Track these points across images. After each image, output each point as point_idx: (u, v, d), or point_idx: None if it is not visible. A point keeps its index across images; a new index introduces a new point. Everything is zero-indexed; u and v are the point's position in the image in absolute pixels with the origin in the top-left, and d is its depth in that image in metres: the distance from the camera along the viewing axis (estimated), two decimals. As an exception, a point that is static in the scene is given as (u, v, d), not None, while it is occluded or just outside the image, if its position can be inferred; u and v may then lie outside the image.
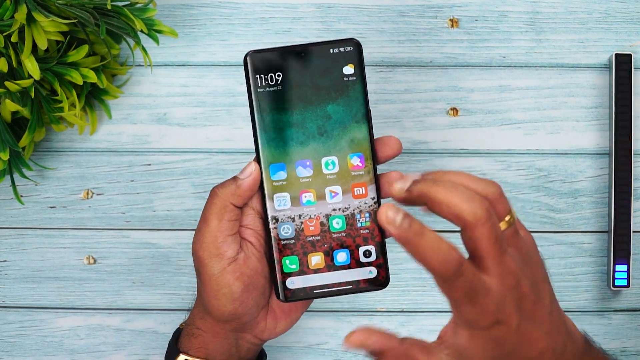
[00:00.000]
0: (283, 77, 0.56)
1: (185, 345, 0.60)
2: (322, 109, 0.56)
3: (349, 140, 0.56)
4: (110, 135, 0.81)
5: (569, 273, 0.80)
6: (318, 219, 0.57)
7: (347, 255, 0.57)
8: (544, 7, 0.81)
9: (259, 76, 0.56)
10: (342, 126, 0.56)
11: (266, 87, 0.56)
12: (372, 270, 0.57)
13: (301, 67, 0.56)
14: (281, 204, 0.56)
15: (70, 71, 0.71)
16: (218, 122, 0.81)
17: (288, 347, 0.81)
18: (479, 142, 0.80)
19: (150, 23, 0.74)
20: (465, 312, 0.46)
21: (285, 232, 0.57)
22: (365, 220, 0.57)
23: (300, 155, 0.56)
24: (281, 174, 0.56)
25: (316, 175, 0.56)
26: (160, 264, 0.81)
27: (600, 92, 0.81)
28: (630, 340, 0.80)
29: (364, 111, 0.56)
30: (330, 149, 0.56)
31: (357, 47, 0.56)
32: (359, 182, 0.57)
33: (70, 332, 0.81)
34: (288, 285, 0.57)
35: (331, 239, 0.57)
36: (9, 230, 0.81)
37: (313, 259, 0.57)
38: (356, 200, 0.57)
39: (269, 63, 0.56)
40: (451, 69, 0.81)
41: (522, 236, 0.49)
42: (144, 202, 0.81)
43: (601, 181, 0.80)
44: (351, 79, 0.56)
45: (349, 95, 0.56)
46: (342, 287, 0.57)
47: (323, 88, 0.56)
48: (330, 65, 0.56)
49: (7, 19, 0.66)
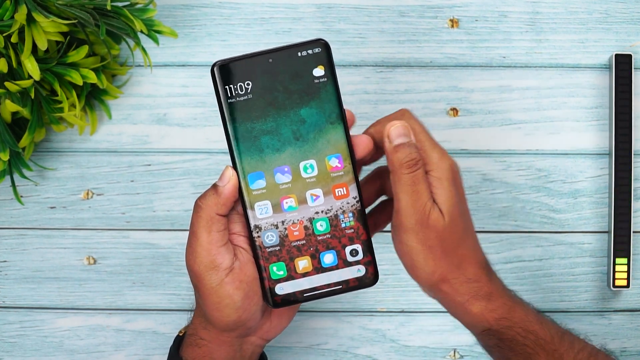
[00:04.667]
0: (252, 85, 0.55)
1: (190, 355, 0.60)
2: (295, 113, 0.55)
3: (325, 142, 0.56)
4: (110, 135, 0.81)
5: (569, 273, 0.80)
6: (301, 224, 0.56)
7: (334, 256, 0.57)
8: (544, 7, 0.81)
9: (227, 87, 0.55)
10: (317, 129, 0.56)
11: (236, 97, 0.55)
12: (360, 269, 0.57)
13: (270, 73, 0.55)
14: (263, 212, 0.56)
15: (70, 71, 0.71)
16: (218, 123, 0.80)
17: (289, 347, 0.81)
18: (479, 142, 0.80)
19: (150, 23, 0.74)
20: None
21: (269, 240, 0.56)
22: (349, 220, 0.57)
23: (278, 162, 0.56)
24: (260, 182, 0.56)
25: (295, 180, 0.56)
26: (160, 264, 0.81)
27: (600, 92, 0.81)
28: (630, 340, 0.80)
29: (338, 111, 0.56)
30: (308, 153, 0.56)
31: (326, 47, 0.55)
32: (339, 182, 0.56)
33: (71, 333, 0.81)
34: (277, 292, 0.57)
35: (316, 242, 0.56)
36: (9, 230, 0.81)
37: (300, 263, 0.57)
38: (338, 201, 0.56)
39: (236, 72, 0.55)
40: (451, 69, 0.81)
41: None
42: (144, 202, 0.81)
43: (601, 181, 0.80)
44: (322, 80, 0.55)
45: (321, 97, 0.55)
46: (331, 287, 0.57)
47: (294, 92, 0.55)
48: (299, 68, 0.55)
49: (7, 19, 0.66)
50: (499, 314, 0.57)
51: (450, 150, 0.80)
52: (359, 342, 0.81)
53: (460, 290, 0.57)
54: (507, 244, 0.80)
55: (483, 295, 0.57)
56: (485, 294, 0.57)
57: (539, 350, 0.57)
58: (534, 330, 0.57)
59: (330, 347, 0.81)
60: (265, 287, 0.57)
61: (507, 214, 0.80)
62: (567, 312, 0.80)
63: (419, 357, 0.80)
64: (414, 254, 0.55)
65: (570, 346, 0.57)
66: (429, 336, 0.81)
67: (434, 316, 0.80)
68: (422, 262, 0.55)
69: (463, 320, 0.59)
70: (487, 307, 0.57)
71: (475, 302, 0.57)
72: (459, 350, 0.80)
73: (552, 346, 0.57)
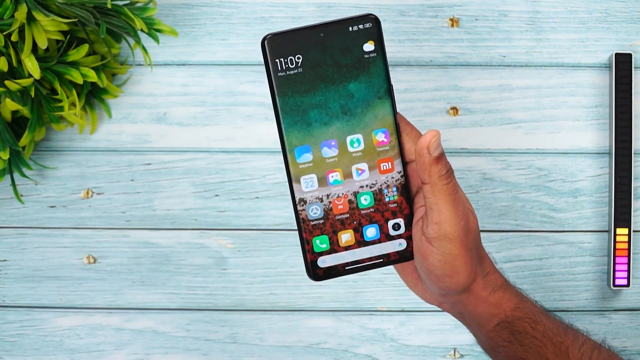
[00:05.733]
0: (303, 59, 0.55)
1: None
2: (344, 87, 0.56)
3: (372, 116, 0.56)
4: (110, 134, 0.81)
5: (569, 272, 0.80)
6: (346, 197, 0.57)
7: (377, 230, 0.57)
8: (544, 6, 0.81)
9: (278, 60, 0.55)
10: (365, 103, 0.56)
11: (287, 71, 0.55)
12: (401, 243, 0.58)
13: (321, 47, 0.55)
14: (308, 186, 0.56)
15: (71, 70, 0.71)
16: (218, 122, 0.81)
17: (289, 346, 0.81)
18: (479, 141, 0.80)
19: (150, 22, 0.74)
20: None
21: (314, 213, 0.57)
22: (393, 194, 0.57)
23: (325, 136, 0.56)
24: (307, 156, 0.56)
25: (342, 154, 0.56)
26: (160, 264, 0.81)
27: (600, 91, 0.81)
28: (630, 339, 0.80)
29: (386, 87, 0.56)
30: (355, 127, 0.56)
31: (376, 23, 0.55)
32: (384, 157, 0.57)
33: (70, 332, 0.81)
34: (319, 264, 0.57)
35: (360, 216, 0.57)
36: (9, 229, 0.81)
37: (343, 236, 0.57)
38: (383, 176, 0.57)
39: (287, 46, 0.55)
40: (451, 69, 0.81)
41: None
42: (144, 201, 0.81)
43: (601, 181, 0.80)
44: (372, 55, 0.55)
45: (370, 72, 0.56)
46: (373, 261, 0.58)
47: (344, 67, 0.55)
48: (350, 43, 0.55)
49: (7, 18, 0.66)
50: (514, 302, 0.58)
51: (450, 150, 0.80)
52: (359, 342, 0.81)
53: (483, 284, 0.57)
54: (507, 243, 0.80)
55: (499, 285, 0.58)
56: (501, 284, 0.58)
57: (547, 342, 0.57)
58: (542, 321, 0.58)
59: (330, 347, 0.81)
60: (308, 260, 0.57)
61: (507, 213, 0.80)
62: (567, 311, 0.80)
63: (419, 356, 0.80)
64: (457, 261, 0.55)
65: (574, 339, 0.58)
66: (429, 335, 0.81)
67: (434, 315, 0.80)
68: (462, 267, 0.55)
69: (480, 317, 0.58)
70: (504, 296, 0.58)
71: (495, 294, 0.58)
72: (459, 350, 0.80)
73: (559, 338, 0.57)
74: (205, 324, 0.81)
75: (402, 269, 0.60)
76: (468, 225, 0.55)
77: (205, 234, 0.81)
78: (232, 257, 0.81)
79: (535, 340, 0.57)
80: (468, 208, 0.55)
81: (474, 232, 0.55)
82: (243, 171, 0.81)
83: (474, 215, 0.56)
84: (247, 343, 0.81)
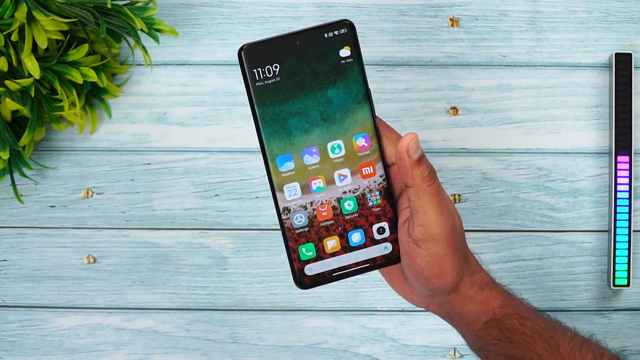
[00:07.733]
0: (280, 67, 0.55)
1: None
2: (322, 94, 0.56)
3: (352, 122, 0.56)
4: (110, 134, 0.81)
5: (569, 272, 0.80)
6: (330, 204, 0.57)
7: (362, 235, 0.57)
8: (544, 6, 0.81)
9: (255, 70, 0.55)
10: (344, 109, 0.56)
11: (264, 81, 0.55)
12: (387, 246, 0.58)
13: (297, 55, 0.55)
14: (291, 194, 0.57)
15: (71, 70, 0.71)
16: (218, 122, 0.81)
17: (288, 346, 0.81)
18: (479, 141, 0.80)
19: (150, 22, 0.74)
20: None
21: (298, 221, 0.57)
22: (376, 198, 0.57)
23: (306, 143, 0.56)
24: (289, 164, 0.56)
25: (323, 160, 0.56)
26: (160, 263, 0.81)
27: (600, 91, 0.81)
28: (630, 339, 0.80)
29: (364, 91, 0.56)
30: (335, 133, 0.56)
31: (351, 28, 0.56)
32: (366, 162, 0.57)
33: (70, 332, 0.81)
34: (307, 272, 0.57)
35: (344, 221, 0.57)
36: (9, 229, 0.81)
37: (329, 243, 0.57)
38: (365, 180, 0.57)
39: (264, 56, 0.55)
40: (451, 68, 0.81)
41: None
42: (144, 201, 0.81)
43: (601, 180, 0.80)
44: (348, 60, 0.56)
45: (348, 78, 0.56)
46: (359, 266, 0.58)
47: (321, 73, 0.56)
48: (326, 50, 0.55)
49: (7, 17, 0.66)
50: (502, 300, 0.58)
51: (450, 149, 0.80)
52: (359, 341, 0.81)
53: (470, 283, 0.57)
54: (507, 243, 0.80)
55: (486, 283, 0.58)
56: (487, 282, 0.58)
57: (536, 337, 0.57)
58: (530, 317, 0.58)
59: (330, 346, 0.81)
60: (295, 268, 0.57)
61: (507, 213, 0.80)
62: (567, 311, 0.80)
63: (419, 356, 0.80)
64: (445, 261, 0.55)
65: (563, 333, 0.58)
66: (429, 335, 0.81)
67: (434, 315, 0.80)
68: (450, 267, 0.55)
69: (468, 316, 0.59)
70: (490, 294, 0.58)
71: (482, 292, 0.58)
72: (459, 350, 0.80)
73: (548, 333, 0.57)
74: (205, 324, 0.81)
75: (388, 273, 0.60)
76: (454, 225, 0.55)
77: (205, 234, 0.81)
78: (232, 257, 0.81)
79: (525, 336, 0.57)
80: (452, 208, 0.56)
81: (459, 232, 0.56)
82: (243, 171, 0.81)
83: (458, 215, 0.56)
84: (247, 343, 0.81)
